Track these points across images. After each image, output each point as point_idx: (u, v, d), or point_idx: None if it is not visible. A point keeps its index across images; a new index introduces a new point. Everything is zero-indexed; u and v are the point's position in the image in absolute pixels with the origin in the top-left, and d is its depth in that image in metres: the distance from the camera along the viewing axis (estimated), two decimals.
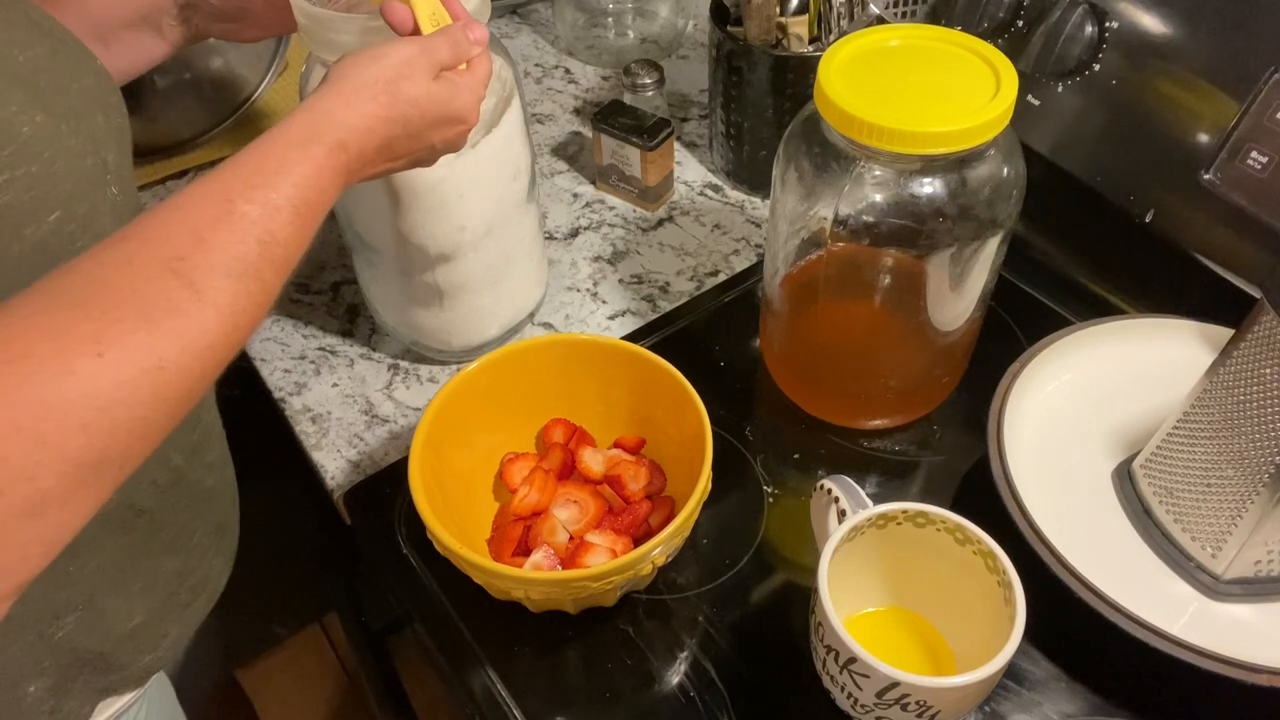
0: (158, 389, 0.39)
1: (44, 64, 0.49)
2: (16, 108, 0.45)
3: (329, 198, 0.49)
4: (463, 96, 0.56)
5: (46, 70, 0.49)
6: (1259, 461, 0.55)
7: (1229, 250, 0.69)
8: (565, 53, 1.11)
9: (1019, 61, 0.69)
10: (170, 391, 0.39)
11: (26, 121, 0.45)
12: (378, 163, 0.54)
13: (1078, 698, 0.58)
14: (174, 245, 0.42)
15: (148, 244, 0.42)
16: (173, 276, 0.40)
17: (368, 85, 0.52)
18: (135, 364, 0.38)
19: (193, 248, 0.42)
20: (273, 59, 0.96)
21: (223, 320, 0.42)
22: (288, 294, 0.84)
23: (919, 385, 0.71)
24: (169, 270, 0.41)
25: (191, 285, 0.41)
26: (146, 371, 0.38)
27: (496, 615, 0.62)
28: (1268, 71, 0.63)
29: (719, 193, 0.92)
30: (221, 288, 0.42)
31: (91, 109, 0.52)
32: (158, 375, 0.38)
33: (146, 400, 0.38)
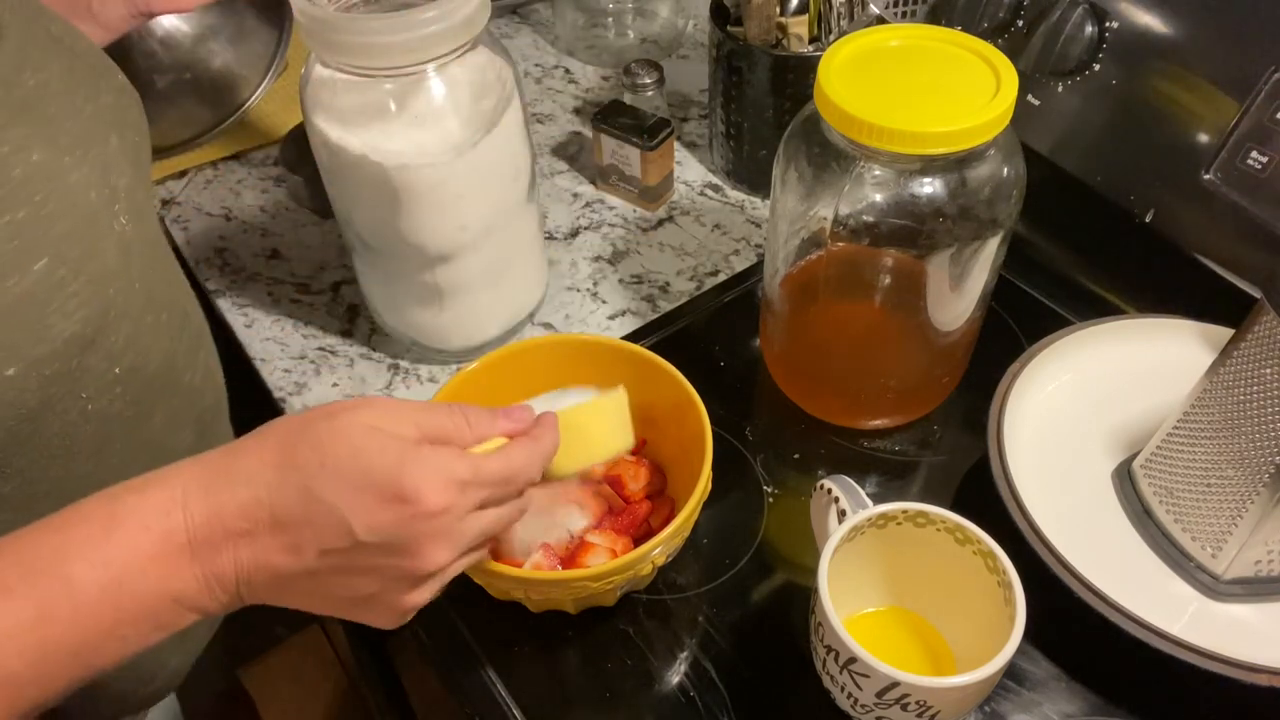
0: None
1: (57, 85, 0.48)
2: (9, 148, 0.43)
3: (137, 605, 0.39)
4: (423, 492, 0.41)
5: (59, 93, 0.48)
6: (1259, 461, 0.55)
7: (1229, 250, 0.69)
8: (565, 53, 1.11)
9: (1019, 61, 0.69)
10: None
11: (19, 163, 0.44)
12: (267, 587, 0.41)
13: (1078, 698, 0.58)
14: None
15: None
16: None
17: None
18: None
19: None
20: (273, 59, 0.96)
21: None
22: (287, 294, 0.84)
23: (919, 385, 0.71)
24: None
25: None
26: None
27: (496, 615, 0.62)
28: (1268, 71, 0.63)
29: (719, 193, 0.92)
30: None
31: (105, 131, 0.51)
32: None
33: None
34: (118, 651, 0.40)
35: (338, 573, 0.41)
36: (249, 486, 0.40)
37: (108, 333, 0.49)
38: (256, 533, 0.40)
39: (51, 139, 0.46)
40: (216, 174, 0.96)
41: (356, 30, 0.59)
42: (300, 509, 0.40)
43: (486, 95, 0.66)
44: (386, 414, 0.43)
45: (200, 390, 0.61)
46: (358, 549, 0.41)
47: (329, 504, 0.40)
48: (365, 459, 0.41)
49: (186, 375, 0.59)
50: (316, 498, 0.40)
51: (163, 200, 0.93)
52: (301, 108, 0.65)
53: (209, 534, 0.40)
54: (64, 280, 0.45)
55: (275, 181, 0.95)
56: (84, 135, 0.49)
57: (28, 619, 0.37)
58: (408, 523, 0.41)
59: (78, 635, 0.38)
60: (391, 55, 0.60)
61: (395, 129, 0.63)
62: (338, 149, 0.64)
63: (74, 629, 0.38)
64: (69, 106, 0.49)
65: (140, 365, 0.53)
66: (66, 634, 0.38)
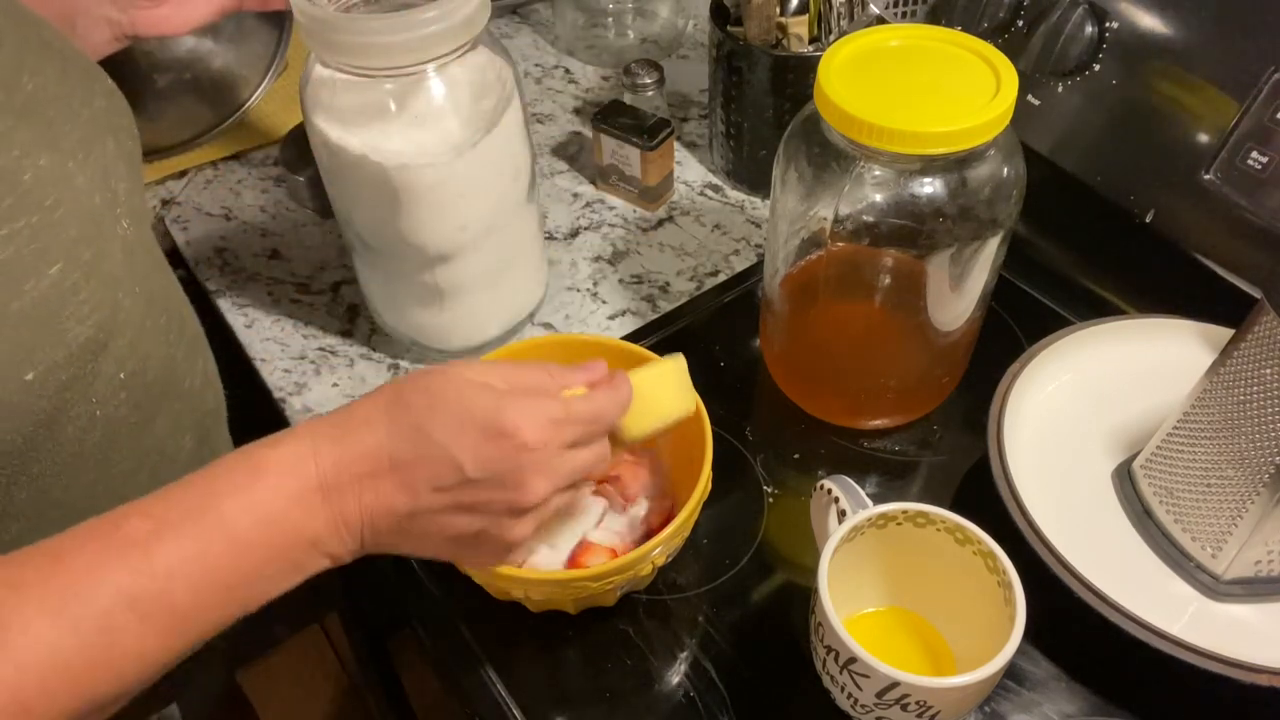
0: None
1: (53, 90, 0.48)
2: (19, 151, 0.44)
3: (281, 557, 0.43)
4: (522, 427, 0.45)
5: (56, 97, 0.48)
6: (1259, 461, 0.55)
7: (1229, 250, 0.69)
8: (565, 53, 1.11)
9: (1019, 61, 0.69)
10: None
11: (29, 167, 0.44)
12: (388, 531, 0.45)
13: (1078, 698, 0.58)
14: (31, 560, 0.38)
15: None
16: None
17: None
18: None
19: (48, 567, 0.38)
20: (273, 59, 0.96)
21: (22, 673, 0.36)
22: (288, 294, 0.84)
23: (919, 385, 0.71)
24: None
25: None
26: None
27: (496, 615, 0.62)
28: (1268, 71, 0.63)
29: (719, 193, 0.92)
30: (39, 629, 0.36)
31: (102, 135, 0.51)
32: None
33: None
34: (263, 592, 0.43)
35: (449, 510, 0.45)
36: (370, 433, 0.44)
37: (116, 337, 0.49)
38: (377, 474, 0.44)
39: (54, 143, 0.46)
40: (216, 174, 0.96)
41: (356, 30, 0.59)
42: (414, 449, 0.44)
43: (486, 95, 0.66)
44: (482, 369, 0.47)
45: (200, 395, 0.61)
46: (466, 485, 0.44)
47: (439, 442, 0.44)
48: (469, 401, 0.45)
49: (186, 380, 0.59)
50: (428, 437, 0.44)
51: (163, 200, 0.93)
52: (301, 108, 0.65)
53: (337, 479, 0.43)
54: (77, 285, 0.45)
55: (275, 181, 0.95)
56: (83, 139, 0.49)
57: (191, 552, 0.40)
58: (510, 456, 0.45)
59: (233, 570, 0.41)
60: (391, 55, 0.60)
61: (395, 129, 0.63)
62: (338, 149, 0.64)
63: (230, 564, 0.41)
64: (67, 110, 0.49)
65: (142, 370, 0.53)
66: (222, 569, 0.41)
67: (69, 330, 0.45)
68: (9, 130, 0.44)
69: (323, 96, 0.64)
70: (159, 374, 0.55)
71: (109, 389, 0.50)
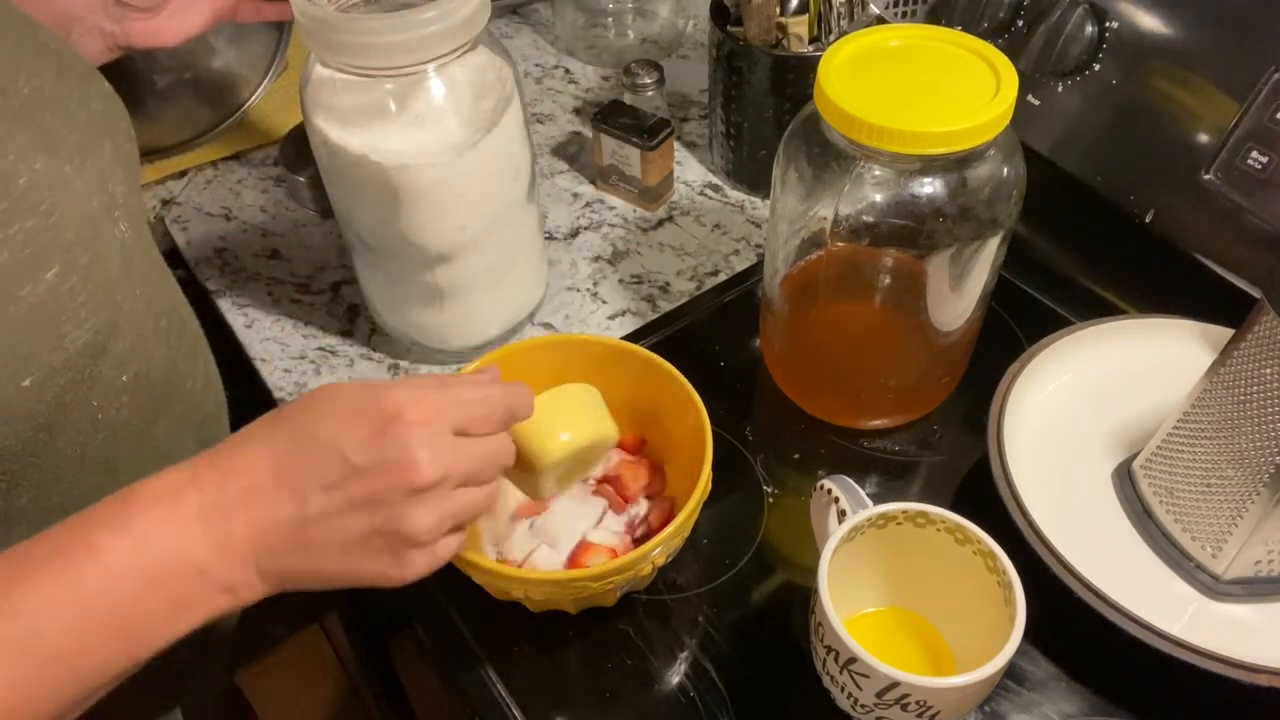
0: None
1: (50, 93, 0.48)
2: (15, 156, 0.44)
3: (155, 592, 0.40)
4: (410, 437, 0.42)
5: (53, 100, 0.48)
6: (1259, 461, 0.55)
7: (1229, 250, 0.69)
8: (565, 53, 1.11)
9: (1019, 61, 0.69)
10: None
11: (25, 171, 0.44)
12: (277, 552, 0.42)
13: (1078, 698, 0.58)
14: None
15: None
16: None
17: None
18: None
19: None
20: (273, 59, 0.96)
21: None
22: (287, 294, 0.84)
23: (919, 385, 0.71)
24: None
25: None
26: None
27: (496, 615, 0.62)
28: (1268, 71, 0.63)
29: (719, 193, 0.92)
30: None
31: (99, 138, 0.50)
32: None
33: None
34: (151, 631, 0.40)
35: (342, 510, 0.42)
36: (248, 449, 0.43)
37: (116, 340, 0.49)
38: (260, 486, 0.42)
39: (51, 147, 0.46)
40: (216, 174, 0.96)
41: (356, 30, 0.59)
42: (295, 451, 0.42)
43: (486, 95, 0.66)
44: (359, 382, 0.46)
45: (201, 397, 0.61)
46: (354, 476, 0.42)
47: (319, 438, 0.42)
48: (348, 396, 0.44)
49: (188, 382, 0.59)
50: (308, 436, 0.42)
51: (163, 200, 0.93)
52: (301, 108, 0.65)
53: (218, 499, 0.41)
54: (75, 289, 0.45)
55: (275, 181, 0.95)
56: (80, 143, 0.48)
57: (61, 585, 0.38)
58: (395, 435, 0.42)
59: (109, 601, 0.39)
60: (391, 55, 0.60)
61: (395, 129, 0.63)
62: (338, 149, 0.64)
63: (106, 595, 0.39)
64: (64, 114, 0.48)
65: (144, 372, 0.53)
66: (98, 600, 0.39)
67: (66, 334, 0.45)
68: (4, 135, 0.44)
69: (323, 96, 0.64)
70: (160, 376, 0.55)
71: (109, 392, 0.50)
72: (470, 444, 0.45)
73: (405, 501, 0.43)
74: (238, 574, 0.42)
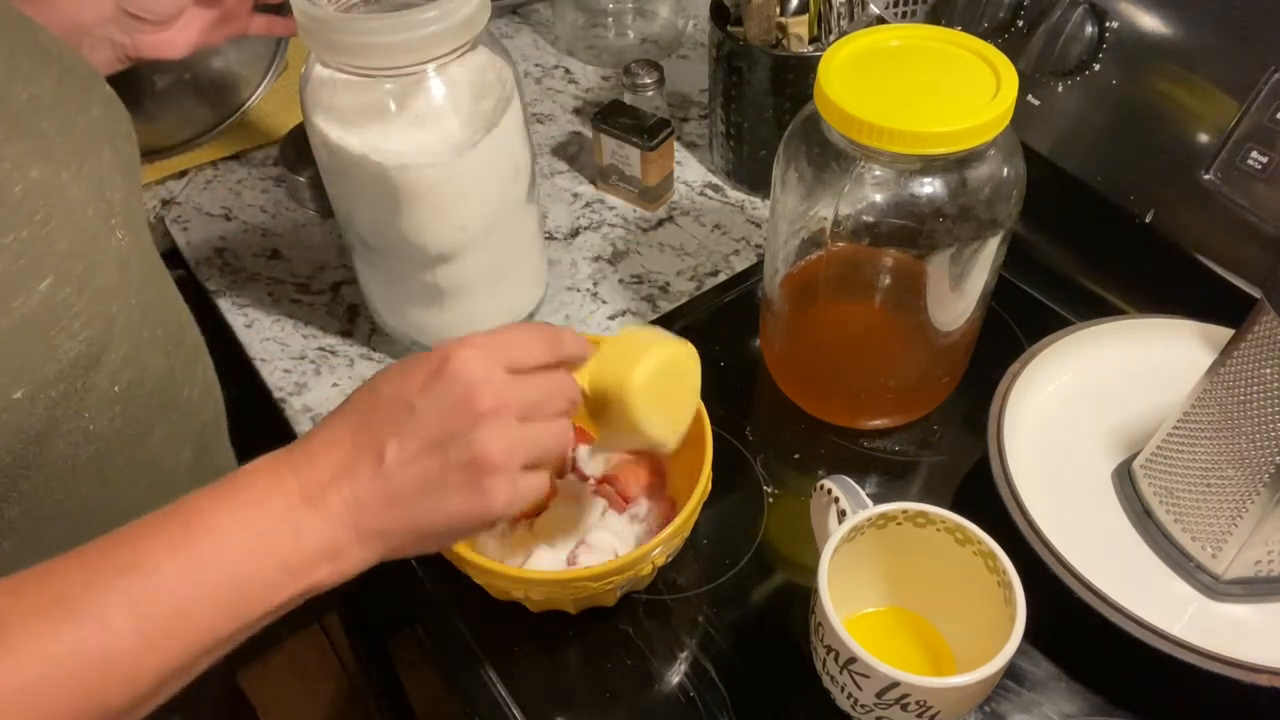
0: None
1: (49, 99, 0.48)
2: (10, 164, 0.43)
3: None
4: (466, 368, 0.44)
5: (52, 106, 0.48)
6: (1259, 461, 0.55)
7: (1229, 250, 0.69)
8: (565, 53, 1.11)
9: (1019, 61, 0.69)
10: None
11: (20, 179, 0.43)
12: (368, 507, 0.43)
13: (1078, 698, 0.58)
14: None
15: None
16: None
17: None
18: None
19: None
20: (273, 59, 0.96)
21: (22, 672, 0.36)
22: (288, 294, 0.84)
23: (919, 385, 0.71)
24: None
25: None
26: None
27: (496, 615, 0.62)
28: (1268, 71, 0.63)
29: (719, 193, 0.92)
30: (38, 629, 0.37)
31: (98, 144, 0.50)
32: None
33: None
34: (255, 599, 0.41)
35: (418, 454, 0.44)
36: (326, 427, 0.45)
37: (110, 351, 0.49)
38: (344, 457, 0.43)
39: (48, 154, 0.46)
40: (216, 174, 0.96)
41: (356, 30, 0.59)
42: (366, 414, 0.44)
43: (486, 95, 0.66)
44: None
45: (199, 406, 0.61)
46: (420, 418, 0.44)
47: (384, 395, 0.45)
48: (404, 361, 0.46)
49: (185, 390, 0.58)
50: (375, 398, 0.45)
51: (163, 200, 0.93)
52: (301, 108, 0.65)
53: (310, 473, 0.43)
54: (68, 300, 0.45)
55: (275, 181, 0.95)
56: (78, 149, 0.48)
57: (172, 547, 0.40)
58: (449, 372, 0.44)
59: (216, 565, 0.40)
60: (391, 55, 0.60)
61: (395, 129, 0.63)
62: (338, 149, 0.64)
63: (213, 558, 0.40)
64: (62, 120, 0.48)
65: (139, 381, 0.52)
66: (205, 562, 0.40)
67: (59, 346, 0.45)
68: (1, 141, 0.43)
69: (323, 96, 0.64)
70: (156, 386, 0.54)
71: (102, 403, 0.50)
72: (527, 377, 0.47)
73: (473, 429, 0.44)
74: (337, 538, 0.43)
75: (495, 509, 0.44)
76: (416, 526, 0.44)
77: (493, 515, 0.45)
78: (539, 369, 0.47)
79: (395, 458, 0.43)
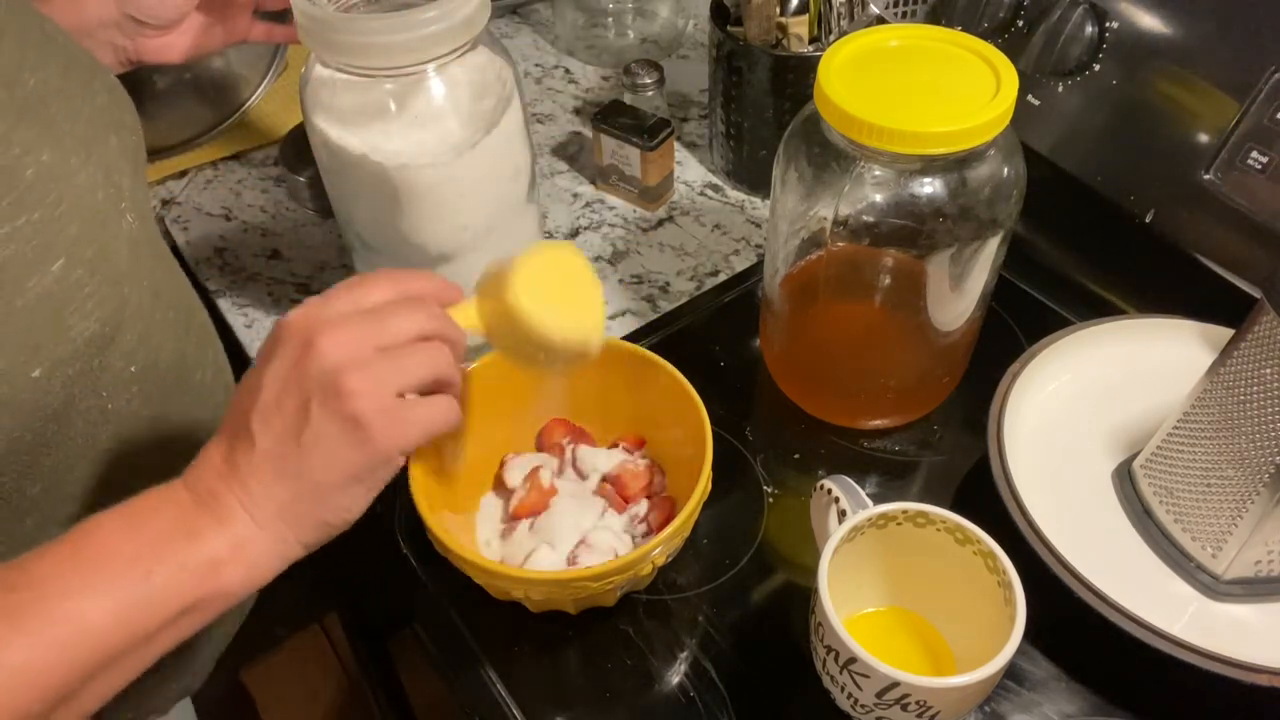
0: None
1: (56, 86, 0.48)
2: (20, 149, 0.44)
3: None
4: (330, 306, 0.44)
5: (58, 93, 0.48)
6: (1259, 461, 0.55)
7: (1229, 250, 0.69)
8: (565, 53, 1.11)
9: (1019, 61, 0.69)
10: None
11: (31, 164, 0.44)
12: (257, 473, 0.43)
13: (1078, 698, 0.58)
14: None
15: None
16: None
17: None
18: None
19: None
20: (273, 59, 0.96)
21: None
22: (288, 294, 0.84)
23: (919, 385, 0.71)
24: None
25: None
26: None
27: (496, 615, 0.62)
28: (1268, 71, 0.63)
29: (719, 193, 0.92)
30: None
31: (104, 132, 0.51)
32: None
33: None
34: (155, 601, 0.40)
35: (286, 416, 0.42)
36: (204, 449, 0.45)
37: (123, 332, 0.50)
38: (224, 455, 0.43)
39: (57, 140, 0.46)
40: (216, 174, 0.96)
41: (356, 30, 0.59)
42: (230, 417, 0.44)
43: (486, 95, 0.66)
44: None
45: (210, 387, 0.61)
46: (272, 385, 0.43)
47: (241, 389, 0.44)
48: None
49: (197, 373, 0.59)
50: (235, 401, 0.44)
51: (163, 200, 0.93)
52: (301, 108, 0.65)
53: (198, 478, 0.43)
54: (81, 280, 0.46)
55: (275, 181, 0.95)
56: (86, 136, 0.49)
57: (64, 555, 0.40)
58: (286, 333, 0.43)
59: (110, 567, 0.40)
60: (391, 55, 0.60)
61: (395, 129, 0.63)
62: (338, 149, 0.64)
63: (106, 558, 0.40)
64: (69, 107, 0.49)
65: (153, 363, 0.53)
66: (97, 564, 0.40)
67: (73, 326, 0.46)
68: (9, 129, 0.44)
69: (323, 96, 0.64)
70: (169, 367, 0.55)
71: (119, 383, 0.50)
72: (372, 310, 0.45)
73: (325, 372, 0.42)
74: (237, 532, 0.42)
75: (382, 442, 0.43)
76: (315, 490, 0.43)
77: (383, 449, 0.43)
78: (385, 306, 0.46)
79: (261, 429, 0.42)
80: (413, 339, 0.45)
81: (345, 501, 0.44)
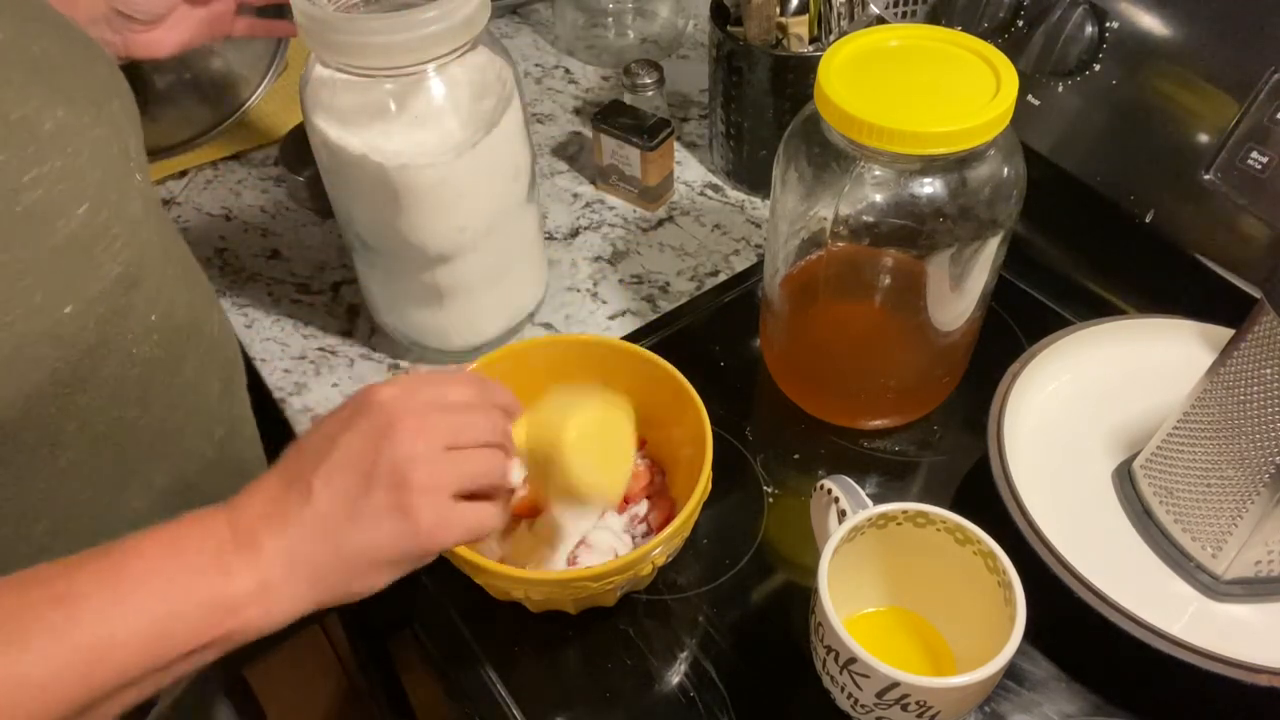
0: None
1: (59, 56, 0.49)
2: (39, 102, 0.45)
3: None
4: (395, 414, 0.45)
5: (62, 61, 0.49)
6: (1259, 461, 0.55)
7: (1229, 250, 0.69)
8: (565, 53, 1.11)
9: (1019, 61, 0.69)
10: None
11: (49, 118, 0.46)
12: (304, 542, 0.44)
13: (1078, 698, 0.58)
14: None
15: None
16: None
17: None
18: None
19: None
20: (273, 59, 0.96)
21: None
22: (288, 294, 0.84)
23: (919, 385, 0.71)
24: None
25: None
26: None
27: (496, 615, 0.62)
28: (1268, 71, 0.63)
29: (719, 193, 0.92)
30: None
31: (108, 95, 0.52)
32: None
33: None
34: (180, 634, 0.41)
35: (346, 483, 0.44)
36: (256, 482, 0.45)
37: (144, 277, 0.52)
38: (273, 499, 0.44)
39: (69, 99, 0.48)
40: (216, 174, 0.96)
41: (356, 30, 0.59)
42: (293, 458, 0.45)
43: (486, 95, 0.66)
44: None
45: (221, 343, 0.63)
46: (344, 449, 0.44)
47: (312, 438, 0.46)
48: (332, 410, 0.47)
49: (207, 326, 0.61)
50: (303, 441, 0.46)
51: (163, 200, 0.93)
52: (301, 108, 0.65)
53: (241, 514, 0.44)
54: (107, 223, 0.48)
55: (275, 181, 0.95)
56: (94, 99, 0.50)
57: (103, 574, 0.40)
58: (374, 405, 0.45)
59: (143, 592, 0.41)
60: (391, 55, 0.60)
61: (395, 129, 0.63)
62: (338, 149, 0.64)
63: (141, 584, 0.41)
64: (73, 73, 0.50)
65: (169, 313, 0.55)
66: (133, 590, 0.40)
67: (102, 265, 0.48)
68: (25, 83, 0.45)
69: (323, 96, 0.64)
70: (184, 318, 0.57)
71: (141, 329, 0.52)
72: (452, 408, 0.47)
73: (395, 455, 0.44)
74: (268, 577, 0.43)
75: (426, 540, 0.45)
76: (349, 562, 0.44)
77: (421, 541, 0.45)
78: (464, 406, 0.48)
79: (321, 489, 0.44)
80: (480, 445, 0.47)
81: (373, 579, 0.46)
